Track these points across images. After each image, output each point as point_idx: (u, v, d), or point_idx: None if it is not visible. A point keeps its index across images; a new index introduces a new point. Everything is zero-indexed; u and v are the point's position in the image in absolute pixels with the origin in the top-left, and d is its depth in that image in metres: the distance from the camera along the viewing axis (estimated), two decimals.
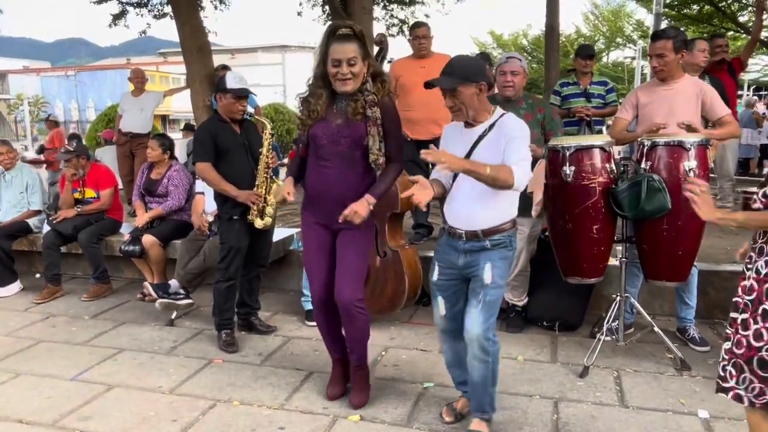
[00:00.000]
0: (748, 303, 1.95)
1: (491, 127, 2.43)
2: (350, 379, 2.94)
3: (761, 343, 1.90)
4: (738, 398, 1.98)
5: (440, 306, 2.59)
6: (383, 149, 2.64)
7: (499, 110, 2.49)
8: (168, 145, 4.76)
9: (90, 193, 4.90)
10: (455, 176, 2.51)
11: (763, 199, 1.94)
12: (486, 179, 2.27)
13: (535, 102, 3.62)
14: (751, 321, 1.93)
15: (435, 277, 2.59)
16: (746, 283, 1.98)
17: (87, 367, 3.36)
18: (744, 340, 1.94)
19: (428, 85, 2.42)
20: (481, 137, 2.43)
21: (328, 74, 2.60)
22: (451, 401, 2.80)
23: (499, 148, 2.36)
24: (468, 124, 2.49)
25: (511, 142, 2.34)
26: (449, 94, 2.41)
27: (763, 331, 1.90)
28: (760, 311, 1.91)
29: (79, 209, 4.83)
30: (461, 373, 2.69)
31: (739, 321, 1.97)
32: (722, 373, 2.02)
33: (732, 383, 1.99)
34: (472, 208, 2.42)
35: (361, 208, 2.60)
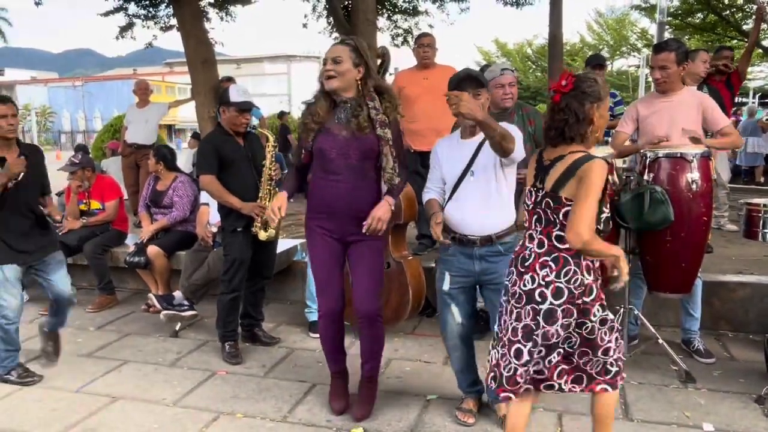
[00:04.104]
0: None
1: None
2: (359, 391, 2.92)
3: None
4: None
5: (455, 314, 2.70)
6: (397, 169, 2.66)
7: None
8: (161, 155, 4.79)
9: (95, 204, 4.93)
10: (455, 186, 2.62)
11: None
12: (496, 135, 2.37)
13: (526, 113, 3.60)
14: None
15: (447, 286, 2.67)
16: None
17: (92, 379, 3.37)
18: None
19: (471, 79, 2.57)
20: (481, 144, 2.57)
21: None
22: (459, 406, 2.84)
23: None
24: (470, 134, 2.62)
25: None
26: (474, 96, 2.52)
27: None
28: None
29: (84, 221, 4.86)
30: (469, 375, 2.84)
31: None
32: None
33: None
34: (482, 214, 2.55)
35: (383, 213, 2.62)
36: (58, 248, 3.49)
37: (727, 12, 12.20)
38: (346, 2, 8.75)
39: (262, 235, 3.54)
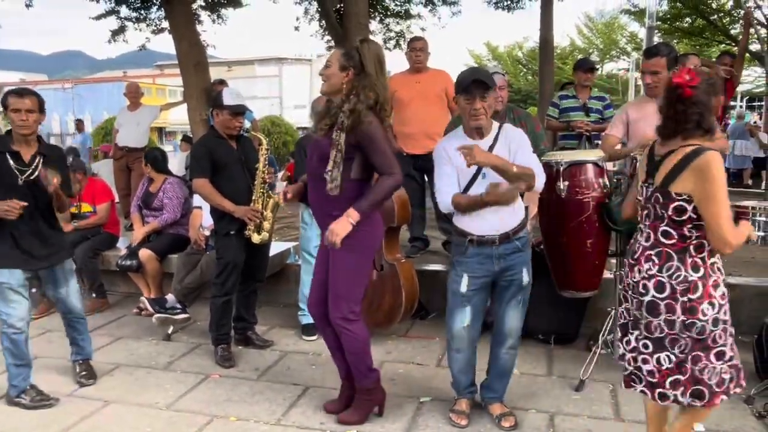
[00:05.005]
0: None
1: (496, 138, 2.62)
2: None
3: None
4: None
5: (467, 316, 2.71)
6: (339, 177, 2.54)
7: (495, 123, 2.68)
8: (150, 158, 4.79)
9: (87, 207, 4.90)
10: (466, 188, 2.63)
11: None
12: (511, 177, 2.46)
13: (517, 116, 3.62)
14: None
15: (464, 288, 2.68)
16: None
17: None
18: None
19: (472, 89, 2.53)
20: (492, 146, 2.60)
21: None
22: (453, 408, 2.85)
23: (508, 156, 2.56)
24: (477, 136, 2.62)
25: (522, 150, 2.61)
26: (481, 98, 2.53)
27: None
28: None
29: (75, 224, 4.84)
30: (468, 378, 2.86)
31: None
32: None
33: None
34: (498, 213, 2.58)
35: (338, 227, 2.53)
36: (70, 256, 3.30)
37: (715, 16, 12.33)
38: (339, 5, 8.76)
39: (256, 238, 3.54)
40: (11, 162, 2.97)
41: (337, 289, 2.70)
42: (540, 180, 2.60)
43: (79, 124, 13.65)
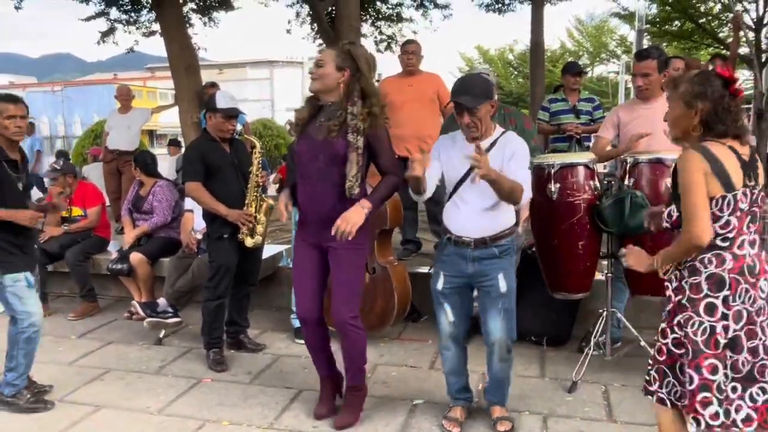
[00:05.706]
0: (666, 313, 2.08)
1: (494, 143, 2.59)
2: (344, 399, 2.92)
3: (681, 351, 2.01)
4: (661, 401, 2.10)
5: (448, 313, 2.72)
6: (359, 178, 2.59)
7: (499, 128, 2.66)
8: (139, 162, 4.78)
9: (77, 211, 4.87)
10: (455, 187, 2.63)
11: (668, 220, 2.19)
12: (504, 192, 2.43)
13: (508, 113, 3.62)
14: (668, 330, 2.05)
15: (440, 286, 2.70)
16: (667, 293, 2.10)
17: (74, 388, 3.33)
18: (664, 348, 2.07)
19: (457, 105, 2.52)
20: (488, 150, 2.56)
21: None
22: (447, 414, 2.83)
23: (502, 163, 2.53)
24: (472, 139, 2.60)
25: (516, 159, 2.54)
26: (468, 113, 2.51)
27: (683, 339, 2.00)
28: (675, 322, 2.03)
29: (66, 227, 4.80)
30: (459, 380, 2.84)
31: (659, 329, 2.10)
32: (647, 378, 2.15)
33: (655, 387, 2.11)
34: (480, 217, 2.57)
35: (352, 216, 2.54)
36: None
37: (704, 20, 12.43)
38: (330, 8, 8.77)
39: (249, 242, 3.53)
40: (11, 172, 3.02)
41: (351, 288, 2.72)
42: (525, 197, 2.52)
43: (29, 127, 12.83)
